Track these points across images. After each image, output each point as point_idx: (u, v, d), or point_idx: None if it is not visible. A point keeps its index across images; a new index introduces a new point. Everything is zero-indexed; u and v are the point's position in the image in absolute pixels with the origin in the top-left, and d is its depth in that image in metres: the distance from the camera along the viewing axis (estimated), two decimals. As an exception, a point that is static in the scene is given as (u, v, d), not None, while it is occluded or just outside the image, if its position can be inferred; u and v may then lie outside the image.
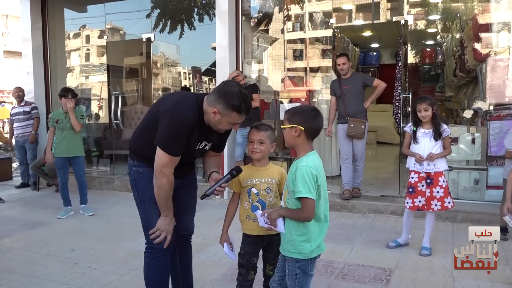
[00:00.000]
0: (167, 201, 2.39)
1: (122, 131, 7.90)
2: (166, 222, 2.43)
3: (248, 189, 2.44)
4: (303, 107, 2.24)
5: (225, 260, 3.78)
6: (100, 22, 8.35)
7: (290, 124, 2.11)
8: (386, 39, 12.11)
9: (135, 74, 8.88)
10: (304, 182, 2.00)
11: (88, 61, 9.79)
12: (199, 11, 8.44)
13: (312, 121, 2.11)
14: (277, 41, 7.99)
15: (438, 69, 10.69)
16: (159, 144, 2.29)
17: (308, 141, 2.14)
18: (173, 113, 2.26)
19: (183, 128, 2.26)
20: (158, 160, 2.30)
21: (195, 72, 8.83)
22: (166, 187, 2.33)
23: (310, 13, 7.99)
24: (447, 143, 3.84)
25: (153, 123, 2.34)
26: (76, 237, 4.59)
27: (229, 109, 2.26)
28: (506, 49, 5.14)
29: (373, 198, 5.51)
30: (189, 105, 2.32)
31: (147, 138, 2.40)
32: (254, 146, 2.41)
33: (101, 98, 9.33)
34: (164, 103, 2.37)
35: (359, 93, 5.47)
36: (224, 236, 2.52)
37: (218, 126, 2.34)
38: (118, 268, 3.66)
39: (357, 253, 3.95)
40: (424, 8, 8.46)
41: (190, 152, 2.42)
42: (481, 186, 5.22)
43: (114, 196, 6.62)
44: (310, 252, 2.10)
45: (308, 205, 2.01)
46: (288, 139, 2.16)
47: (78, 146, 5.47)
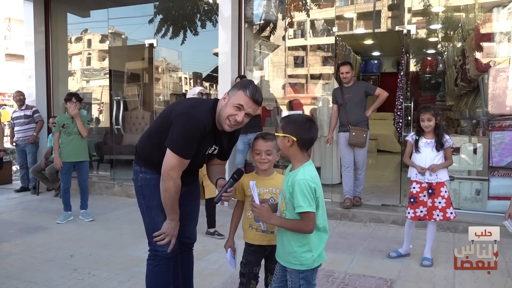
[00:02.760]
0: (173, 205, 2.38)
1: (123, 136, 7.89)
2: (172, 226, 2.43)
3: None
4: (298, 117, 2.18)
5: (225, 268, 3.76)
6: (102, 27, 8.38)
7: (283, 133, 2.09)
8: (387, 47, 12.15)
9: (137, 79, 8.89)
10: (304, 196, 1.98)
11: (90, 65, 9.81)
12: (202, 17, 8.47)
13: (305, 133, 2.07)
14: (279, 48, 8.02)
15: (439, 78, 10.73)
16: (170, 145, 2.27)
17: (302, 152, 2.10)
18: (188, 116, 2.26)
19: (197, 132, 2.25)
20: (167, 162, 2.28)
21: (196, 77, 8.83)
22: (173, 191, 2.32)
23: (312, 20, 8.03)
24: (448, 153, 3.83)
25: (165, 126, 2.33)
26: (75, 242, 4.57)
27: (236, 88, 2.31)
28: (508, 60, 5.14)
29: (374, 207, 5.49)
30: (204, 109, 2.33)
31: (156, 142, 2.39)
32: (262, 157, 2.40)
33: (102, 102, 9.34)
34: (179, 107, 2.37)
35: (361, 102, 5.47)
36: (230, 242, 2.51)
37: (223, 112, 2.30)
38: (118, 275, 3.64)
39: (358, 263, 3.93)
40: (425, 17, 8.50)
41: (200, 157, 2.42)
42: (482, 196, 5.20)
43: (114, 202, 6.60)
44: (312, 262, 2.08)
45: (310, 218, 2.00)
46: (281, 147, 2.14)
47: (84, 151, 5.48)
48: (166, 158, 2.29)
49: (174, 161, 2.27)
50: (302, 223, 2.01)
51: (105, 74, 8.88)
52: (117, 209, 6.12)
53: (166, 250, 2.45)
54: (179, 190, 2.36)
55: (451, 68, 8.70)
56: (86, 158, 5.52)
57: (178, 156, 2.26)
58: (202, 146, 2.36)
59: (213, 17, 8.40)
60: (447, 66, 9.49)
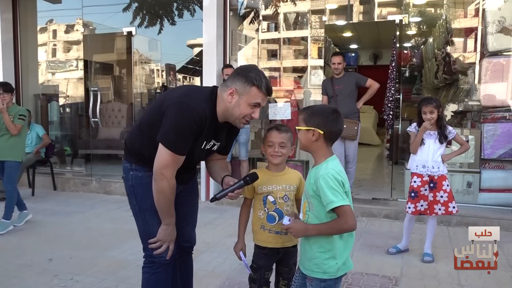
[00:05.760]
0: (168, 208, 2.12)
1: (98, 129, 7.51)
2: (168, 231, 2.17)
3: (263, 197, 2.20)
4: (324, 108, 1.96)
5: (220, 270, 3.54)
6: (75, 15, 7.93)
7: (307, 126, 1.86)
8: (364, 40, 12.11)
9: (112, 69, 8.49)
10: (332, 190, 1.76)
11: (62, 56, 9.31)
12: (179, 6, 8.17)
13: (333, 125, 1.86)
14: (264, 38, 7.81)
15: (415, 72, 10.76)
16: (162, 140, 2.00)
17: (327, 146, 1.89)
18: (181, 106, 1.98)
19: (192, 123, 1.97)
20: (159, 159, 2.02)
21: (169, 69, 8.51)
22: (167, 192, 2.06)
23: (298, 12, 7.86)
24: (460, 140, 3.80)
25: (156, 118, 2.05)
26: (53, 244, 4.22)
27: (248, 84, 2.01)
28: (501, 50, 5.08)
29: (365, 201, 5.37)
30: (200, 98, 2.05)
31: (148, 135, 2.12)
32: (275, 149, 2.17)
33: (68, 96, 8.91)
34: (172, 95, 2.09)
35: (351, 93, 5.32)
36: (241, 244, 2.29)
37: (236, 111, 2.04)
38: (104, 280, 3.35)
39: (358, 260, 3.77)
40: (399, 8, 8.39)
41: (197, 153, 2.14)
42: (474, 189, 5.16)
43: (91, 199, 6.23)
44: (336, 271, 1.87)
45: (347, 212, 1.76)
46: (304, 142, 1.90)
47: (9, 150, 4.70)
48: (158, 154, 2.02)
49: (167, 157, 2.00)
50: (339, 221, 1.78)
51: (74, 66, 8.47)
52: (95, 206, 5.76)
53: (164, 256, 2.20)
54: (174, 191, 2.10)
55: (431, 61, 8.68)
56: (12, 158, 4.73)
57: (172, 152, 1.99)
58: (200, 140, 2.09)
59: (191, 6, 8.12)
60: (425, 59, 9.48)
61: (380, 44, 12.43)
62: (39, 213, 5.34)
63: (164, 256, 2.20)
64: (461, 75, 6.91)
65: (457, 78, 7.07)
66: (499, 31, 5.04)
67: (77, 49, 8.80)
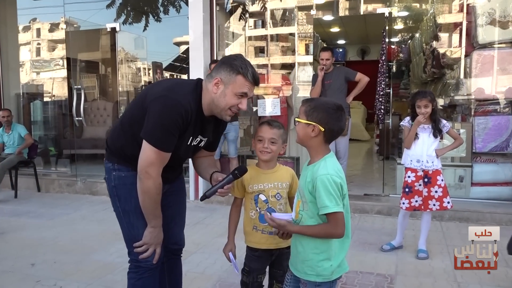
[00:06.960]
0: (154, 209, 2.00)
1: (83, 129, 7.32)
2: (154, 234, 2.06)
3: (255, 196, 2.09)
4: (327, 103, 1.80)
5: (210, 271, 3.43)
6: (58, 13, 7.71)
7: (308, 120, 1.74)
8: (352, 35, 12.06)
9: (97, 67, 8.29)
10: (329, 194, 1.65)
11: (40, 56, 9.07)
12: (164, 2, 8.00)
13: (335, 123, 1.74)
14: (252, 34, 7.68)
15: (402, 66, 10.74)
16: (146, 136, 1.88)
17: (326, 143, 1.78)
18: (165, 99, 1.87)
19: (177, 117, 1.86)
20: (144, 157, 1.90)
21: (156, 67, 8.32)
22: (153, 192, 1.94)
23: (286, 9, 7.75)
24: (454, 134, 3.72)
25: (139, 115, 1.93)
26: (36, 248, 4.05)
27: (233, 72, 1.91)
28: (491, 43, 5.03)
29: (356, 197, 5.29)
30: (185, 91, 1.94)
31: (130, 133, 2.00)
32: (264, 145, 2.05)
33: (53, 95, 8.69)
34: (154, 90, 1.97)
35: (341, 88, 5.24)
36: (230, 245, 2.17)
37: (221, 102, 1.94)
38: (89, 285, 3.21)
39: (352, 258, 3.67)
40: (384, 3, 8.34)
41: (183, 150, 2.03)
42: (466, 183, 5.11)
43: (77, 200, 6.06)
44: (331, 273, 1.76)
45: (339, 219, 1.67)
46: (301, 136, 1.78)
47: None
48: (142, 152, 1.90)
49: (152, 155, 1.88)
50: (329, 226, 1.69)
51: (58, 64, 8.25)
52: (81, 208, 5.59)
53: (151, 260, 2.09)
54: (161, 191, 1.98)
55: (419, 56, 8.65)
56: None
57: (157, 149, 1.88)
58: (185, 136, 1.97)
59: (176, 2, 7.96)
60: (412, 54, 9.45)
61: (367, 39, 12.41)
62: (22, 216, 5.17)
63: (151, 260, 2.09)
64: (450, 69, 6.88)
65: (445, 72, 7.03)
66: (488, 23, 4.99)
67: (62, 47, 8.57)
